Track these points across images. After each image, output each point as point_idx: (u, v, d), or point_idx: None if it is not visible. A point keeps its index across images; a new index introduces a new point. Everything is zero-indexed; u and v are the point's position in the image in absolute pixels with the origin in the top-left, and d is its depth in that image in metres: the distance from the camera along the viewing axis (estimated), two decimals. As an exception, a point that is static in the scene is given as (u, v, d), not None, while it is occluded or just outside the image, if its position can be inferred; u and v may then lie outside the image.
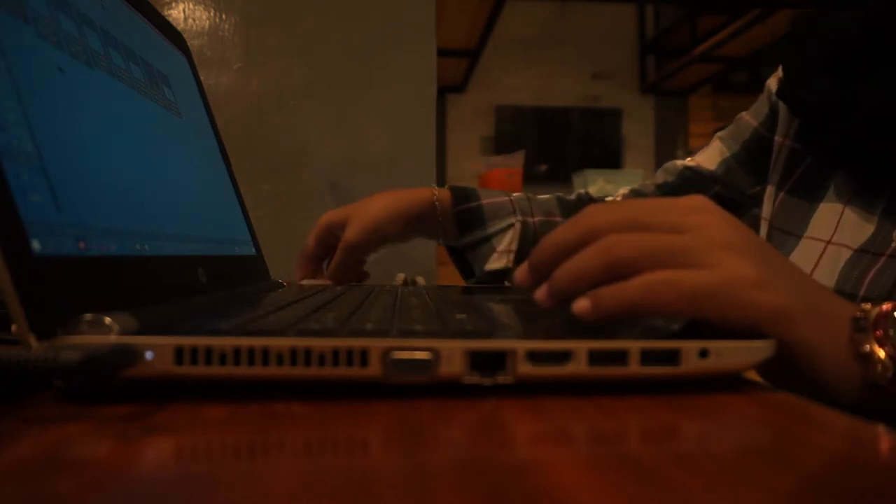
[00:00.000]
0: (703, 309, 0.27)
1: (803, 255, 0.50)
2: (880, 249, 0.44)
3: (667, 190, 0.63)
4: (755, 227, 0.57)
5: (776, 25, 3.05)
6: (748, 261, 0.28)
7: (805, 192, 0.53)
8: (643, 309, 0.28)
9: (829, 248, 0.48)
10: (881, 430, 0.20)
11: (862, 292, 0.44)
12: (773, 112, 0.57)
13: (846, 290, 0.45)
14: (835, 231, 0.49)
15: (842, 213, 0.49)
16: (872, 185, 0.47)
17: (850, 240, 0.47)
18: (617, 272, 0.28)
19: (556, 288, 0.30)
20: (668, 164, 0.65)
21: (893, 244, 0.44)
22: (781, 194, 0.54)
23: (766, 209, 0.56)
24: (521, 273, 0.33)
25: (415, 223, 0.62)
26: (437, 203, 0.62)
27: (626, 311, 0.28)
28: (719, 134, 0.62)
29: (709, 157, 0.61)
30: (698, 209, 0.31)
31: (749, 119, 0.59)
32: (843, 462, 0.18)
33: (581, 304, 0.29)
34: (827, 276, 0.47)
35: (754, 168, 0.58)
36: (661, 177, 0.65)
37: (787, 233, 0.53)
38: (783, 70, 0.54)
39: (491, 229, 0.63)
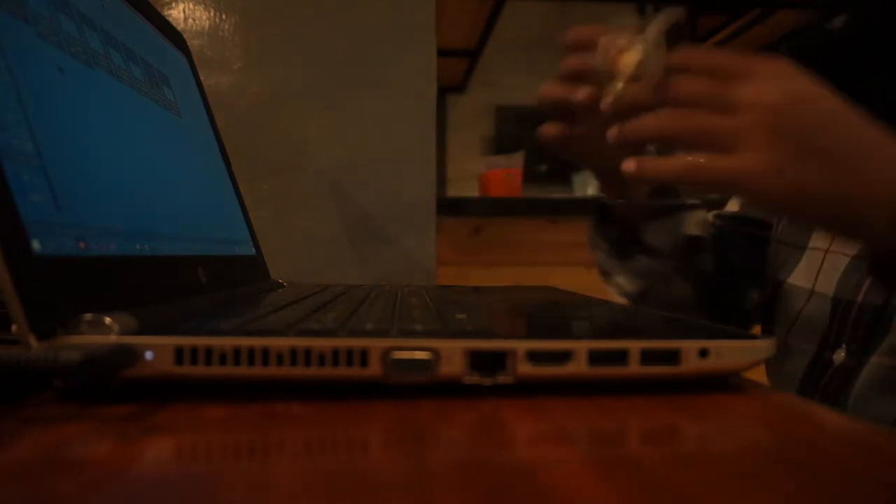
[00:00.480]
0: (727, 193, 0.34)
1: (808, 265, 0.51)
2: None
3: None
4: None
5: (776, 25, 3.05)
6: (783, 146, 0.33)
7: None
8: (677, 184, 0.35)
9: (828, 255, 0.49)
10: (881, 431, 0.20)
11: (859, 299, 0.45)
12: None
13: (844, 298, 0.46)
14: (832, 239, 0.49)
15: None
16: None
17: (847, 247, 0.48)
18: (671, 142, 0.36)
19: (624, 137, 0.37)
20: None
21: None
22: None
23: (776, 229, 0.56)
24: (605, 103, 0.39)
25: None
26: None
27: (662, 182, 0.36)
28: None
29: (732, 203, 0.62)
30: (767, 77, 0.35)
31: None
32: (844, 462, 0.18)
33: (628, 165, 0.36)
34: (828, 282, 0.48)
35: None
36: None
37: (792, 245, 0.54)
38: None
39: (683, 200, 0.56)
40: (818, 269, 0.50)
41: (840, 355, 0.46)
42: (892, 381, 0.42)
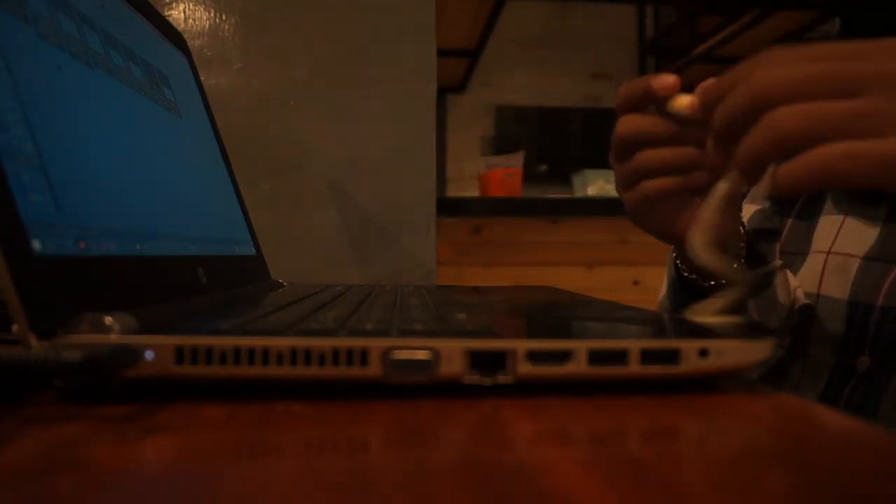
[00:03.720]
0: (886, 179, 0.27)
1: (809, 269, 0.50)
2: (892, 256, 0.44)
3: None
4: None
5: (776, 26, 3.05)
6: None
7: (806, 212, 0.53)
8: (822, 184, 0.28)
9: (829, 257, 0.48)
10: (881, 431, 0.20)
11: (880, 301, 0.44)
12: None
13: (862, 301, 0.45)
14: (834, 241, 0.49)
15: (841, 223, 0.49)
16: (872, 194, 0.47)
17: (853, 248, 0.47)
18: (791, 148, 0.28)
19: (742, 171, 0.30)
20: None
21: None
22: (790, 220, 0.55)
23: (782, 240, 0.56)
24: (690, 106, 0.34)
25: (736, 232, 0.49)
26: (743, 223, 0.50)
27: (806, 187, 0.28)
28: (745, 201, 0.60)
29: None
30: (888, 53, 0.28)
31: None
32: (843, 462, 0.18)
33: (764, 186, 0.29)
34: (838, 285, 0.47)
35: (779, 216, 0.57)
36: None
37: (793, 254, 0.53)
38: None
39: (775, 264, 0.52)
40: (821, 271, 0.49)
41: (864, 362, 0.44)
42: None
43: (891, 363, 0.43)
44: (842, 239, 0.48)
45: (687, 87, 0.38)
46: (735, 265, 0.37)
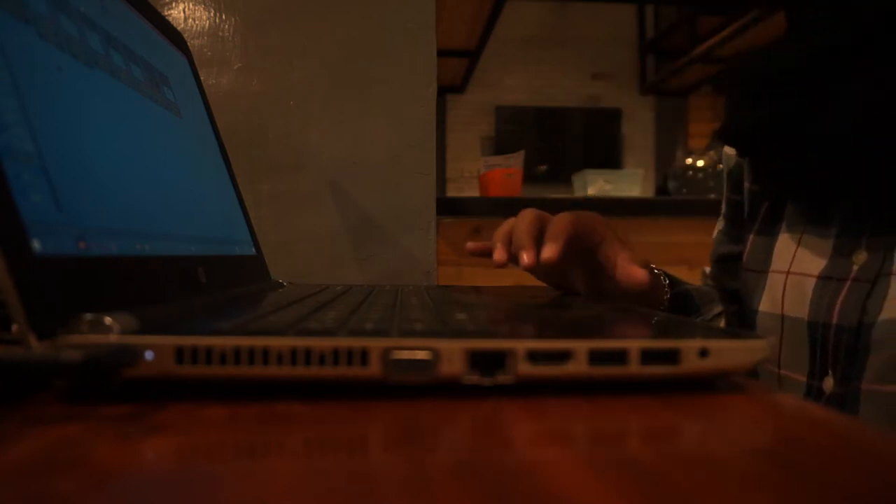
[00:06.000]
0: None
1: (771, 289, 0.51)
2: (842, 275, 0.44)
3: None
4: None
5: (775, 26, 3.05)
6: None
7: (766, 228, 0.53)
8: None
9: (789, 278, 0.48)
10: (880, 432, 0.20)
11: (834, 320, 0.44)
12: (734, 175, 0.57)
13: (820, 321, 0.45)
14: (792, 261, 0.49)
15: (798, 241, 0.49)
16: (824, 211, 0.47)
17: (809, 268, 0.47)
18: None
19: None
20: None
21: (854, 267, 0.44)
22: (751, 236, 0.55)
23: (744, 258, 0.56)
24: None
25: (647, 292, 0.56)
26: (662, 278, 0.56)
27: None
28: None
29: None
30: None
31: (726, 195, 0.60)
32: (843, 462, 0.18)
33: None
34: (798, 306, 0.47)
35: (739, 234, 0.58)
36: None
37: (756, 272, 0.53)
38: (725, 107, 0.52)
39: (707, 315, 0.58)
40: (782, 292, 0.49)
41: (829, 383, 0.44)
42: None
43: (851, 382, 0.42)
44: (798, 259, 0.48)
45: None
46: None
